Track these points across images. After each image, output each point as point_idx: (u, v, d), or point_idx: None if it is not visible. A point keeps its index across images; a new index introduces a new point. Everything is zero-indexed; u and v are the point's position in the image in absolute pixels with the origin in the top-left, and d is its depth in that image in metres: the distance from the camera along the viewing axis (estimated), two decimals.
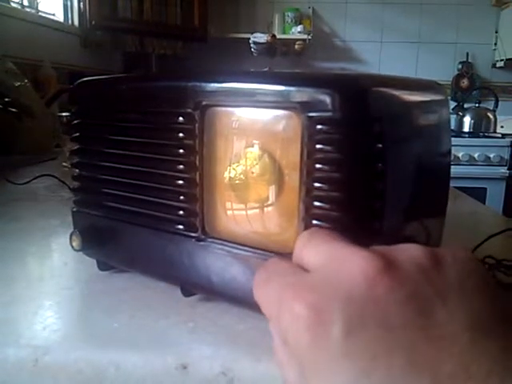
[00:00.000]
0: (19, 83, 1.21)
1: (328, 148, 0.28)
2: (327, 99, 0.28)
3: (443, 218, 0.39)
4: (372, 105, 0.28)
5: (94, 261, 0.42)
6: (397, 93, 0.31)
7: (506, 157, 2.36)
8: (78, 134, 0.42)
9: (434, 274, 0.19)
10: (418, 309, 0.18)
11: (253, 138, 0.32)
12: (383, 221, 0.29)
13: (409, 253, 0.20)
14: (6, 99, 1.12)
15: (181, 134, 0.34)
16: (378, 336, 0.18)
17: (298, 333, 0.19)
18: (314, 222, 0.29)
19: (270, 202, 0.32)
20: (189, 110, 0.33)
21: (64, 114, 1.07)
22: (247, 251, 0.33)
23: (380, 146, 0.28)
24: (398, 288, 0.18)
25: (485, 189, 2.36)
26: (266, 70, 2.21)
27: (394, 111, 0.31)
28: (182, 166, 0.35)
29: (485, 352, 0.17)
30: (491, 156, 2.35)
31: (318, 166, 0.28)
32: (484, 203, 1.83)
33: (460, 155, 2.32)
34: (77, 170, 0.43)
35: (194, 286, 0.36)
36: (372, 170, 0.28)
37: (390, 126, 0.29)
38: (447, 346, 0.17)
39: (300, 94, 0.29)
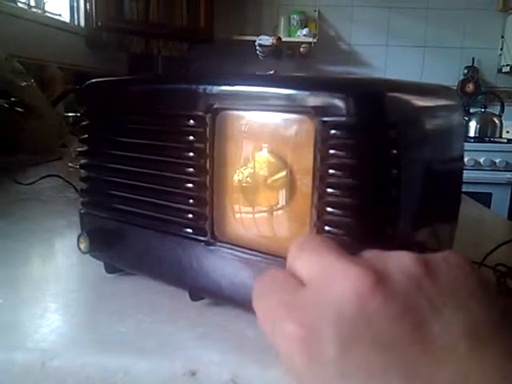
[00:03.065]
0: (25, 83, 1.20)
1: (342, 153, 0.28)
2: (342, 104, 0.27)
3: (455, 223, 0.39)
4: (387, 110, 0.28)
5: (101, 263, 0.42)
6: (411, 98, 0.31)
7: None
8: (86, 136, 0.42)
9: (426, 284, 0.19)
10: (412, 323, 0.18)
11: (265, 142, 0.31)
12: (397, 227, 0.29)
13: (400, 262, 0.20)
14: (12, 99, 1.11)
15: (191, 137, 0.34)
16: (372, 354, 0.17)
17: (292, 353, 0.19)
18: (326, 227, 0.29)
19: (281, 207, 0.31)
20: (200, 113, 0.33)
21: (70, 114, 1.07)
22: (257, 256, 0.32)
23: (395, 151, 0.27)
24: (390, 304, 0.18)
25: (490, 194, 2.35)
26: (271, 72, 2.21)
27: (409, 116, 0.30)
28: (192, 169, 0.34)
29: (484, 360, 0.17)
30: (497, 161, 2.35)
31: (331, 171, 0.28)
32: (489, 208, 1.82)
33: (465, 160, 2.31)
34: (85, 172, 0.42)
35: (203, 291, 0.36)
36: (386, 176, 0.28)
37: (405, 131, 0.29)
38: (444, 358, 0.17)
39: (314, 99, 0.28)
